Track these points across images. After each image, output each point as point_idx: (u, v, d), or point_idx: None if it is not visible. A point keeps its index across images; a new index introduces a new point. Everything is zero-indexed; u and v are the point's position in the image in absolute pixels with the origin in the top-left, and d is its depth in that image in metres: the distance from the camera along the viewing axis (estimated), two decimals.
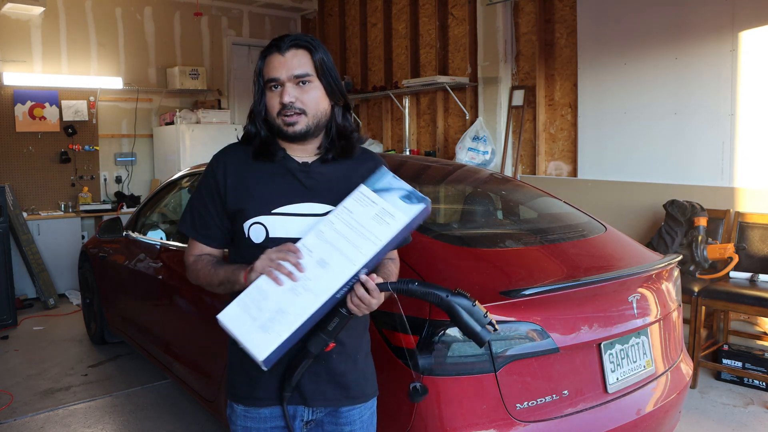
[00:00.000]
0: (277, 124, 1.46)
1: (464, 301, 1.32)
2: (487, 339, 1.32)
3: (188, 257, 1.57)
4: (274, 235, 1.43)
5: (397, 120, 6.69)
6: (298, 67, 1.44)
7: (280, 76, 1.44)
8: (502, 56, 5.42)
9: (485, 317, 1.32)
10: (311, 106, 1.45)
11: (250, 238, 1.45)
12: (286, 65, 1.44)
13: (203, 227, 1.53)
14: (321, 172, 1.49)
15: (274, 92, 1.46)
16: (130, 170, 6.66)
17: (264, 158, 1.49)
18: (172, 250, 3.24)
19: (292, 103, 1.43)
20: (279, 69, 1.44)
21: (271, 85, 1.46)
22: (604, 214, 3.66)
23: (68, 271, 5.82)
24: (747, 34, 3.97)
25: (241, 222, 1.46)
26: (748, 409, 3.25)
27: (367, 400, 1.54)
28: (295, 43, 1.46)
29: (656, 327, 2.23)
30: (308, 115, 1.45)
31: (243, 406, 1.49)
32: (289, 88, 1.44)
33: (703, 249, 3.77)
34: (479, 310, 1.32)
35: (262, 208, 1.44)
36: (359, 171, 1.51)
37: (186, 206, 1.58)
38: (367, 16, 6.95)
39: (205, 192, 1.52)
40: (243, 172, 1.49)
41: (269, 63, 1.46)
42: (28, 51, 5.96)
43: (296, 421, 1.49)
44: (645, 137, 4.53)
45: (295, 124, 1.44)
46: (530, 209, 2.94)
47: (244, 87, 7.44)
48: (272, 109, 1.46)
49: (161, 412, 3.33)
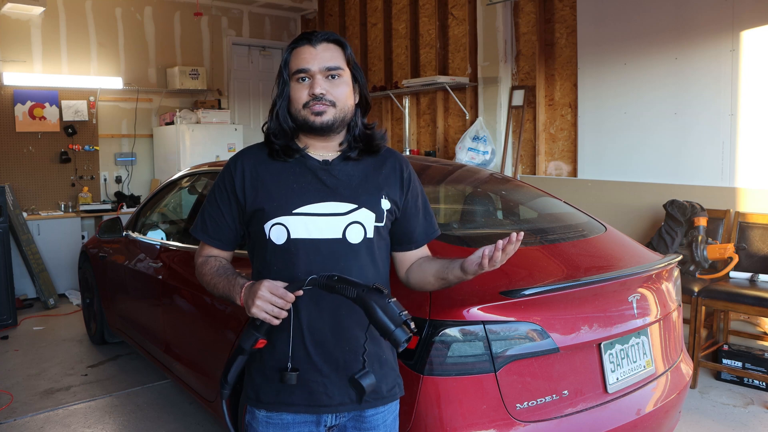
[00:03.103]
0: (302, 116, 1.44)
1: (378, 298, 1.26)
2: (402, 340, 1.24)
3: (197, 257, 1.57)
4: (295, 236, 1.41)
5: (397, 120, 6.69)
6: (331, 59, 1.43)
7: (312, 67, 1.42)
8: (502, 56, 5.42)
9: (400, 316, 1.25)
10: (341, 100, 1.44)
11: (271, 240, 1.43)
12: (318, 57, 1.43)
13: (215, 230, 1.52)
14: (343, 170, 1.47)
15: (302, 84, 1.44)
16: (130, 170, 6.66)
17: (281, 157, 1.46)
18: (172, 250, 3.24)
19: (323, 95, 1.42)
20: (310, 60, 1.43)
21: (300, 77, 1.44)
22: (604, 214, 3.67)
23: (68, 271, 5.82)
24: (747, 34, 3.97)
25: (261, 223, 1.44)
26: (748, 409, 3.25)
27: (394, 399, 1.53)
28: (327, 37, 1.46)
29: (656, 327, 2.23)
30: (337, 108, 1.43)
31: (266, 411, 1.47)
32: (319, 79, 1.42)
33: (703, 249, 3.77)
34: (394, 308, 1.25)
35: (283, 208, 1.42)
36: (382, 170, 1.50)
37: (199, 212, 1.58)
38: (367, 16, 6.95)
39: (219, 194, 1.51)
40: (261, 172, 1.47)
41: (299, 54, 1.45)
42: (28, 51, 5.96)
43: (320, 427, 1.46)
44: (645, 137, 4.53)
45: (323, 113, 1.42)
46: (530, 209, 2.94)
47: (244, 87, 7.45)
48: (298, 100, 1.44)
49: (161, 412, 3.33)
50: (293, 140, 1.48)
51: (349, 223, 1.43)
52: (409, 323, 1.26)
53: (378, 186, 1.49)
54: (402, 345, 1.25)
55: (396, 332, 1.24)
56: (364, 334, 1.40)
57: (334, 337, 1.42)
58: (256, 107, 7.56)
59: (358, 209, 1.44)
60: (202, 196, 3.23)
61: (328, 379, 1.42)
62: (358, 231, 1.44)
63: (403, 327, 1.25)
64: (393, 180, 1.52)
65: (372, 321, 1.27)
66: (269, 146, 1.49)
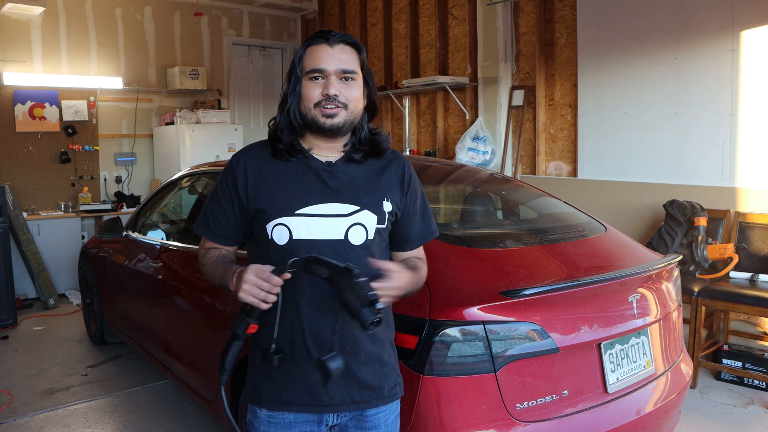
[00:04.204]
0: (312, 115, 1.43)
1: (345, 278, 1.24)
2: (368, 320, 1.22)
3: (200, 249, 1.59)
4: (297, 236, 1.41)
5: (397, 120, 6.69)
6: (347, 62, 1.44)
7: (328, 67, 1.42)
8: (502, 56, 5.42)
9: (367, 295, 1.22)
10: (352, 103, 1.44)
11: (273, 240, 1.43)
12: (335, 58, 1.43)
13: (218, 228, 1.52)
14: (346, 172, 1.47)
15: (315, 83, 1.43)
16: (130, 170, 6.66)
17: (284, 156, 1.46)
18: (172, 250, 3.23)
19: (336, 96, 1.42)
20: (327, 60, 1.42)
21: (313, 76, 1.43)
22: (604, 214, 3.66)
23: (68, 271, 5.82)
24: (747, 34, 3.97)
25: (263, 223, 1.44)
26: (748, 409, 3.25)
27: (395, 399, 1.53)
28: (344, 39, 1.46)
29: (656, 327, 2.23)
30: (348, 110, 1.44)
31: (267, 410, 1.47)
32: (333, 80, 1.42)
33: (703, 249, 3.77)
34: (361, 287, 1.23)
35: (285, 209, 1.42)
36: (385, 172, 1.51)
37: (202, 210, 1.58)
38: (367, 16, 6.95)
39: (222, 192, 1.51)
40: (264, 171, 1.47)
41: (314, 53, 1.44)
42: (28, 51, 5.96)
43: (321, 426, 1.47)
44: (645, 137, 4.53)
45: (335, 116, 1.42)
46: (530, 209, 2.94)
47: (244, 87, 7.45)
48: (310, 99, 1.43)
49: (161, 412, 3.33)
50: (298, 139, 1.48)
51: (351, 224, 1.43)
52: (375, 303, 1.23)
53: (380, 188, 1.49)
54: (369, 327, 1.23)
55: (362, 312, 1.23)
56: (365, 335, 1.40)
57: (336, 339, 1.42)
58: (256, 107, 7.56)
59: (361, 211, 1.44)
60: (202, 196, 3.23)
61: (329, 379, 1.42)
62: (360, 232, 1.44)
63: (370, 307, 1.23)
64: (395, 182, 1.52)
65: (340, 301, 1.26)
66: (273, 145, 1.49)
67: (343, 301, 1.25)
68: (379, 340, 1.48)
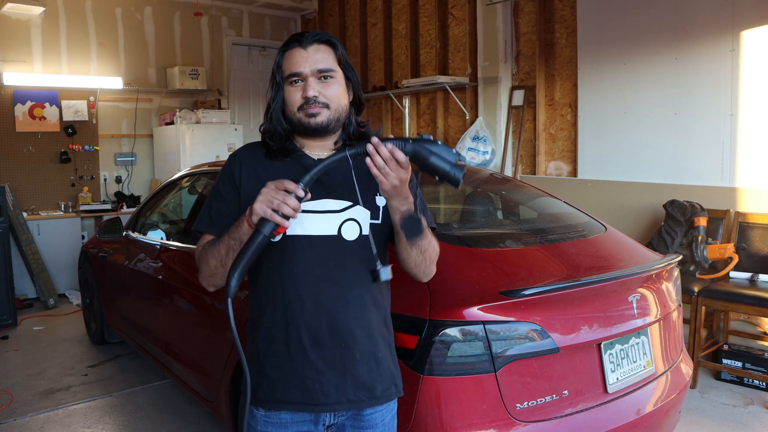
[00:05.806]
0: (297, 118, 1.45)
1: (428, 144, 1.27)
2: (459, 176, 1.27)
3: (197, 248, 1.56)
4: (291, 232, 1.42)
5: (397, 120, 6.69)
6: (322, 61, 1.44)
7: (303, 70, 1.43)
8: (502, 56, 5.42)
9: (454, 154, 1.27)
10: (334, 101, 1.45)
11: None
12: (309, 59, 1.44)
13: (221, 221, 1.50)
14: (338, 168, 1.46)
15: (295, 87, 1.45)
16: (130, 170, 6.66)
17: (278, 157, 1.48)
18: (172, 250, 3.24)
19: (315, 98, 1.43)
20: (302, 63, 1.43)
21: (292, 80, 1.45)
22: (604, 214, 3.67)
23: (68, 271, 5.82)
24: (747, 34, 3.97)
25: None
26: (748, 409, 3.25)
27: (390, 400, 1.53)
28: (317, 38, 1.46)
29: (656, 327, 2.23)
30: (330, 109, 1.45)
31: (264, 410, 1.47)
32: (312, 82, 1.43)
33: (703, 249, 3.77)
34: (444, 149, 1.27)
35: None
36: None
37: (202, 209, 1.57)
38: (367, 16, 6.95)
39: (223, 188, 1.52)
40: (258, 170, 1.49)
41: (290, 57, 1.45)
42: (28, 51, 5.96)
43: (318, 426, 1.47)
44: (645, 137, 4.53)
45: (317, 115, 1.43)
46: (530, 209, 2.94)
47: (244, 87, 7.45)
48: (293, 103, 1.45)
49: (161, 412, 3.33)
50: (288, 141, 1.50)
51: (344, 220, 1.44)
52: (460, 161, 1.27)
53: (373, 183, 1.48)
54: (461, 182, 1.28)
55: (452, 171, 1.26)
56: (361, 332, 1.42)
57: (331, 335, 1.43)
58: (256, 107, 7.56)
59: (353, 206, 1.45)
60: (202, 196, 3.23)
61: (324, 377, 1.43)
62: (353, 228, 1.45)
63: (458, 164, 1.27)
64: None
65: (426, 168, 1.28)
66: (266, 146, 1.51)
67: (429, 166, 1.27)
68: (374, 336, 1.48)
